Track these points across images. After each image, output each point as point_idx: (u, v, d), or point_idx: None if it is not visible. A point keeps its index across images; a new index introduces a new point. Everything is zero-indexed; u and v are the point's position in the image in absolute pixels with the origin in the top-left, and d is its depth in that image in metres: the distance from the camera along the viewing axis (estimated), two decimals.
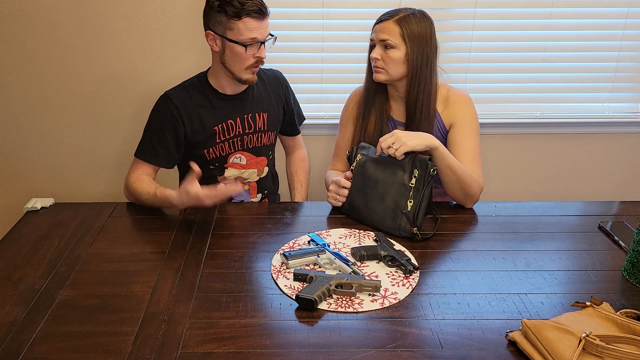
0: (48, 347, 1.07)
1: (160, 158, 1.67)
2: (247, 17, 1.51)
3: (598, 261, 1.37)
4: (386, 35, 1.58)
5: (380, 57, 1.59)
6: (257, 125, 1.73)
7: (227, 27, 1.53)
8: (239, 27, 1.52)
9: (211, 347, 1.07)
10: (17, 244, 1.43)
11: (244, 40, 1.53)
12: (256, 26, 1.53)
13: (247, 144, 1.74)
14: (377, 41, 1.60)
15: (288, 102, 1.83)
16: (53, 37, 2.01)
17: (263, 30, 1.55)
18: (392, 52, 1.58)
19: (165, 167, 1.70)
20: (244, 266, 1.33)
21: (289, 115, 1.85)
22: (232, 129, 1.69)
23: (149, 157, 1.66)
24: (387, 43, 1.57)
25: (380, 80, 1.63)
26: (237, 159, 1.74)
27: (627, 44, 2.17)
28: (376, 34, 1.60)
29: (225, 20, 1.52)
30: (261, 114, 1.73)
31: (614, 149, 2.33)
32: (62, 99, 2.12)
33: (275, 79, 1.81)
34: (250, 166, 1.77)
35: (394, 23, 1.57)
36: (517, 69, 2.20)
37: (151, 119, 1.67)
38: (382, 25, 1.59)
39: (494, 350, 1.07)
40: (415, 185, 1.47)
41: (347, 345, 1.08)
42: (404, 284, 1.27)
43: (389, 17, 1.59)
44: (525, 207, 1.64)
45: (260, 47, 1.58)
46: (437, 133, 1.67)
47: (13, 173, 2.24)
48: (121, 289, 1.25)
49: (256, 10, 1.51)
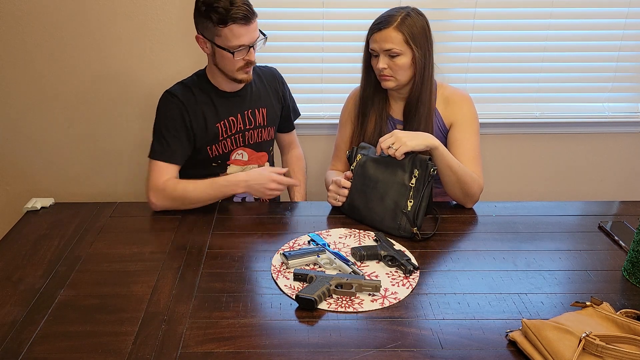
0: (48, 347, 1.07)
1: (178, 155, 1.61)
2: (232, 24, 1.48)
3: (598, 261, 1.37)
4: (390, 44, 1.54)
5: (387, 65, 1.57)
6: (257, 120, 1.73)
7: (214, 33, 1.51)
8: (225, 34, 1.50)
9: (211, 347, 1.07)
10: (17, 244, 1.43)
11: (231, 47, 1.51)
12: (243, 32, 1.50)
13: (249, 140, 1.74)
14: (381, 51, 1.56)
15: (285, 97, 1.84)
16: (53, 37, 2.01)
17: (251, 34, 1.53)
18: (399, 59, 1.56)
19: (179, 164, 1.63)
20: (244, 266, 1.33)
21: (286, 110, 1.86)
22: (234, 125, 1.69)
23: (169, 157, 1.59)
24: (393, 52, 1.55)
25: (390, 87, 1.62)
26: (239, 155, 1.73)
27: (627, 44, 2.17)
28: (378, 44, 1.56)
29: (211, 27, 1.50)
30: (260, 110, 1.73)
31: (614, 149, 2.33)
32: (62, 99, 2.12)
33: (271, 74, 1.82)
34: (252, 162, 1.77)
35: (396, 30, 1.54)
36: (517, 69, 2.20)
37: (159, 118, 1.63)
38: (383, 35, 1.55)
39: (494, 350, 1.07)
40: (415, 185, 1.47)
41: (347, 345, 1.08)
42: (404, 284, 1.27)
43: (387, 25, 1.54)
44: (525, 207, 1.64)
45: (250, 51, 1.56)
46: (437, 132, 1.67)
47: (13, 173, 2.24)
48: (121, 289, 1.25)
49: (242, 17, 1.48)
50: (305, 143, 2.05)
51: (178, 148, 1.62)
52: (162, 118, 1.62)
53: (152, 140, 1.63)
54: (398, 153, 1.45)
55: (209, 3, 1.48)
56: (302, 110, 1.96)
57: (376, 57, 1.59)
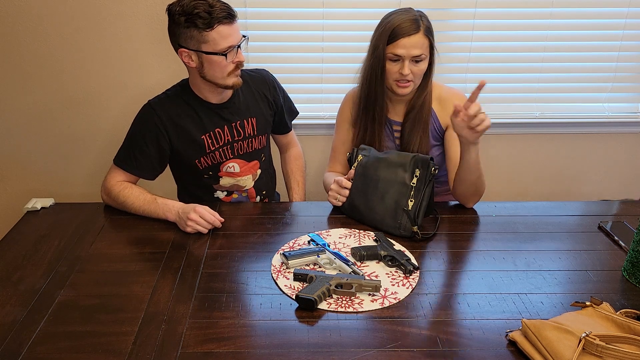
0: (48, 347, 1.07)
1: (141, 169, 1.62)
2: (218, 25, 1.46)
3: (598, 261, 1.37)
4: (419, 50, 1.52)
5: (412, 71, 1.55)
6: (246, 131, 1.70)
7: (201, 40, 1.48)
8: (213, 38, 1.47)
9: (211, 347, 1.07)
10: (17, 244, 1.43)
11: (222, 49, 1.49)
12: (229, 32, 1.49)
13: (238, 151, 1.71)
14: (409, 57, 1.53)
15: (277, 102, 1.79)
16: (53, 38, 2.01)
17: (236, 34, 1.52)
18: (422, 64, 1.55)
19: (146, 179, 1.65)
20: (244, 266, 1.33)
21: (279, 115, 1.81)
22: (221, 137, 1.66)
23: (129, 167, 1.61)
24: (420, 57, 1.53)
25: (407, 93, 1.59)
26: (231, 168, 1.71)
27: (627, 44, 2.17)
28: (407, 50, 1.52)
29: (197, 34, 1.47)
30: (249, 120, 1.70)
31: (614, 149, 2.33)
32: (62, 99, 2.12)
33: (262, 80, 1.76)
34: (245, 173, 1.74)
35: (424, 36, 1.52)
36: (517, 69, 2.20)
37: (133, 129, 1.63)
38: (413, 40, 1.51)
39: (494, 350, 1.07)
40: (416, 185, 1.47)
41: (347, 345, 1.08)
42: (404, 284, 1.27)
43: (417, 30, 1.51)
44: (525, 207, 1.64)
45: (238, 52, 1.54)
46: (432, 132, 1.67)
47: (13, 173, 2.24)
48: (121, 289, 1.25)
49: (225, 16, 1.47)
50: (305, 143, 2.05)
51: (143, 161, 1.62)
52: (137, 130, 1.62)
53: (121, 145, 1.64)
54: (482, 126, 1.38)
55: (188, 12, 1.45)
56: (302, 110, 1.95)
57: (395, 62, 1.55)
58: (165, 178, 1.74)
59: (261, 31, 2.09)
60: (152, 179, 1.67)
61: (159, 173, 1.68)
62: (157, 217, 1.53)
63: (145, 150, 1.61)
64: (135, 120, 1.63)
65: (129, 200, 1.56)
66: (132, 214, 1.56)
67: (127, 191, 1.58)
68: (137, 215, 1.56)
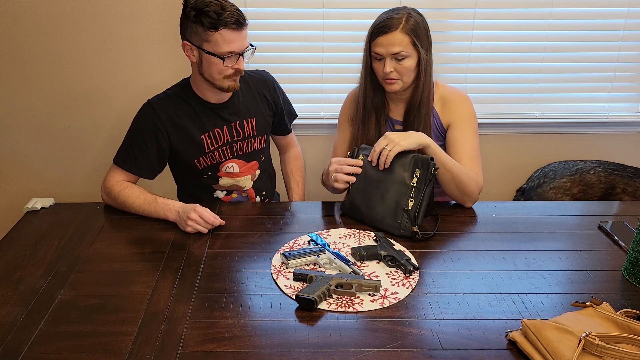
0: (48, 347, 1.07)
1: (141, 168, 1.63)
2: (224, 28, 1.46)
3: (598, 261, 1.37)
4: (398, 47, 1.53)
5: (394, 69, 1.56)
6: (245, 131, 1.70)
7: (204, 38, 1.48)
8: (215, 39, 1.47)
9: (211, 347, 1.07)
10: (17, 244, 1.43)
11: (221, 52, 1.49)
12: (234, 38, 1.48)
13: (237, 151, 1.71)
14: (388, 55, 1.54)
15: (277, 103, 1.79)
16: (53, 37, 2.01)
17: (241, 41, 1.51)
18: (406, 62, 1.55)
19: (146, 178, 1.66)
20: (244, 266, 1.33)
21: (279, 116, 1.81)
22: (220, 137, 1.66)
23: (129, 167, 1.61)
24: (400, 55, 1.53)
25: (396, 90, 1.61)
26: (230, 168, 1.71)
27: (627, 44, 2.17)
28: (385, 48, 1.54)
29: (201, 31, 1.47)
30: (249, 120, 1.70)
31: (614, 149, 2.33)
32: (62, 99, 2.12)
33: (262, 80, 1.76)
34: (244, 173, 1.74)
35: (402, 33, 1.52)
36: (517, 69, 2.20)
37: (133, 128, 1.63)
38: (390, 38, 1.52)
39: (494, 350, 1.07)
40: (416, 184, 1.47)
41: (347, 345, 1.08)
42: (404, 284, 1.27)
43: (393, 28, 1.52)
44: (525, 207, 1.64)
45: (239, 59, 1.53)
46: (434, 131, 1.67)
47: (13, 173, 2.24)
48: (121, 289, 1.25)
49: (233, 22, 1.46)
50: (304, 143, 2.05)
51: (142, 161, 1.62)
52: (136, 129, 1.62)
53: (121, 145, 1.64)
54: (392, 153, 1.45)
55: (199, 8, 1.45)
56: (302, 110, 1.95)
57: (379, 60, 1.58)
58: (165, 178, 1.75)
59: (261, 31, 2.09)
60: (152, 178, 1.67)
61: (159, 172, 1.68)
62: (157, 216, 1.53)
63: (145, 149, 1.61)
64: (135, 120, 1.63)
65: (129, 200, 1.56)
66: (132, 214, 1.56)
67: (127, 191, 1.58)
68: (137, 215, 1.56)
